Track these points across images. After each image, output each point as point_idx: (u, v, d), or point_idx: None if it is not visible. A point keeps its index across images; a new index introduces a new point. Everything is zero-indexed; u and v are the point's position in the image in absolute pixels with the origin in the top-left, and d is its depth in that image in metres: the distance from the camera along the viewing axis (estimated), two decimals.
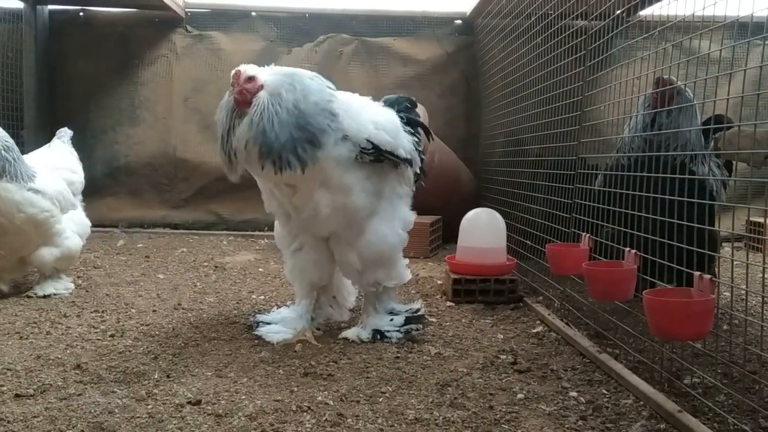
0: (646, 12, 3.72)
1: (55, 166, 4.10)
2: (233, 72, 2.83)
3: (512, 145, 4.91)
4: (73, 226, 4.02)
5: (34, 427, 2.12)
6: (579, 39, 3.49)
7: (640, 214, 2.79)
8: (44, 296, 3.83)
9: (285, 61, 6.67)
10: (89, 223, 4.26)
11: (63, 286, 3.97)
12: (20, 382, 2.51)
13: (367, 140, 2.91)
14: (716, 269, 3.07)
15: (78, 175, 4.25)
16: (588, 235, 3.17)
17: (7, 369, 2.65)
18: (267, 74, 2.86)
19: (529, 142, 4.49)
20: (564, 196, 3.60)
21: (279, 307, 3.54)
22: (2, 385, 2.47)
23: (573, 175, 3.53)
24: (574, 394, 2.48)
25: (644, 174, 2.82)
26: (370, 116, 3.01)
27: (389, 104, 3.35)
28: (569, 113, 3.59)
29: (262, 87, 2.81)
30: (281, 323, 3.18)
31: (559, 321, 3.34)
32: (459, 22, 6.94)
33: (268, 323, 3.22)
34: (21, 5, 6.37)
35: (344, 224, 3.03)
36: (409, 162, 3.12)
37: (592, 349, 2.87)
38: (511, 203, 4.63)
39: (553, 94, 3.84)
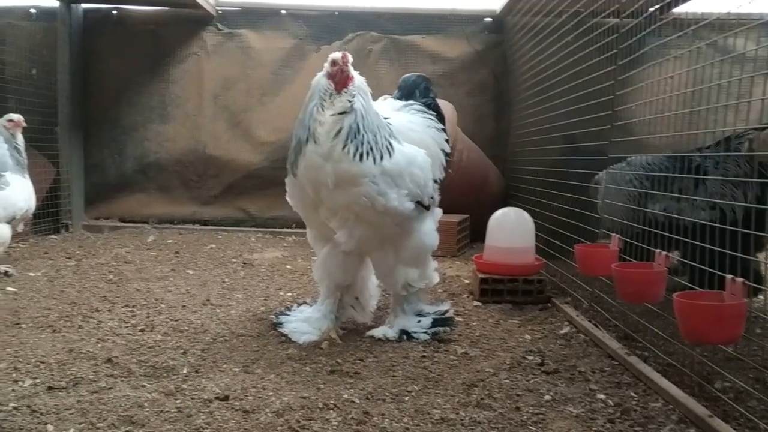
0: (680, 9, 3.67)
1: None
2: (340, 54, 2.91)
3: (542, 144, 4.87)
4: None
5: (66, 419, 2.16)
6: (611, 37, 3.45)
7: (661, 213, 2.75)
8: None
9: (314, 59, 6.70)
10: None
11: None
12: (53, 375, 2.56)
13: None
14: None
15: None
16: (618, 235, 3.13)
17: (41, 362, 2.70)
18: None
19: (558, 141, 4.45)
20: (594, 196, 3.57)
21: (300, 305, 3.55)
22: (36, 378, 2.52)
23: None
24: (602, 396, 2.45)
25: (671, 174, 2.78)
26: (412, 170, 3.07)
27: (408, 85, 3.46)
28: (600, 112, 3.55)
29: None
30: (306, 323, 3.20)
31: (588, 322, 3.30)
32: (488, 20, 6.88)
33: (292, 322, 3.24)
34: (56, 4, 6.47)
35: (388, 239, 3.10)
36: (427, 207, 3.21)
37: (620, 351, 2.84)
38: (539, 203, 4.59)
39: (584, 93, 3.80)
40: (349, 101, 2.87)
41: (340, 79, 2.90)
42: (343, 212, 2.96)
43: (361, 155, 2.84)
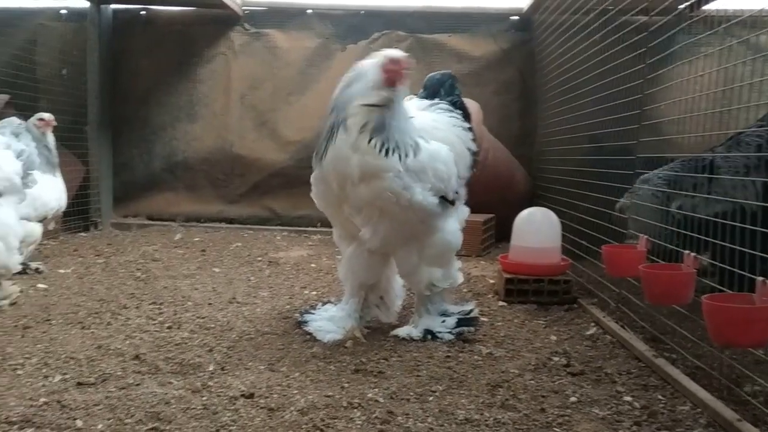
0: (710, 7, 3.62)
1: None
2: (403, 56, 2.94)
3: (569, 143, 4.83)
4: None
5: (95, 415, 2.20)
6: (640, 35, 3.41)
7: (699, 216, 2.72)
8: None
9: (340, 59, 6.72)
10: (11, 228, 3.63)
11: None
12: (82, 371, 2.60)
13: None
14: None
15: None
16: (646, 236, 3.10)
17: (70, 357, 2.75)
18: None
19: (586, 141, 4.40)
20: (622, 196, 3.53)
21: (325, 303, 3.57)
22: (65, 373, 2.57)
23: (632, 175, 3.45)
24: (628, 398, 2.43)
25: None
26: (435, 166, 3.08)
27: (433, 84, 3.47)
28: (628, 111, 3.51)
29: None
30: (331, 321, 3.21)
31: (614, 323, 3.27)
32: (515, 18, 6.84)
33: (317, 321, 3.25)
34: (86, 5, 6.56)
35: (412, 237, 3.09)
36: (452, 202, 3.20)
37: (648, 353, 2.81)
38: (566, 202, 4.55)
39: (612, 92, 3.76)
40: (388, 96, 2.88)
41: (392, 77, 2.90)
42: (367, 208, 2.96)
43: (387, 150, 2.84)
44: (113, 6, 6.82)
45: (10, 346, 2.89)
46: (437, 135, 3.17)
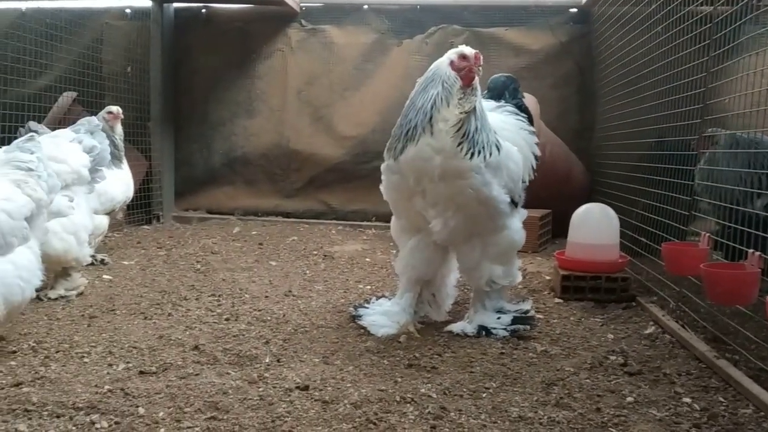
0: None
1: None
2: (473, 52, 2.92)
3: (628, 138, 4.72)
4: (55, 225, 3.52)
5: (156, 403, 2.27)
6: (704, 27, 3.31)
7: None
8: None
9: (396, 53, 6.72)
10: (82, 224, 3.74)
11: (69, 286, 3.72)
12: (144, 360, 2.69)
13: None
14: None
15: (65, 166, 3.68)
16: (708, 234, 3.01)
17: (133, 347, 2.84)
18: None
19: (646, 135, 4.30)
20: (683, 193, 3.44)
21: (379, 298, 3.58)
22: (128, 362, 2.66)
23: (694, 170, 3.36)
24: (687, 400, 2.37)
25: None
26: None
27: (497, 87, 3.48)
28: (691, 106, 3.41)
29: None
30: (385, 316, 3.23)
31: (674, 323, 3.19)
32: (574, 10, 6.71)
33: (371, 315, 3.27)
34: (149, 4, 6.74)
35: (478, 233, 3.10)
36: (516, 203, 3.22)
37: (709, 353, 2.73)
38: (625, 198, 4.46)
39: (674, 85, 3.66)
40: (475, 98, 2.89)
41: (466, 76, 2.89)
42: (445, 203, 2.97)
43: (472, 154, 2.86)
44: (175, 5, 6.98)
45: (77, 334, 3.01)
46: (506, 136, 3.18)
